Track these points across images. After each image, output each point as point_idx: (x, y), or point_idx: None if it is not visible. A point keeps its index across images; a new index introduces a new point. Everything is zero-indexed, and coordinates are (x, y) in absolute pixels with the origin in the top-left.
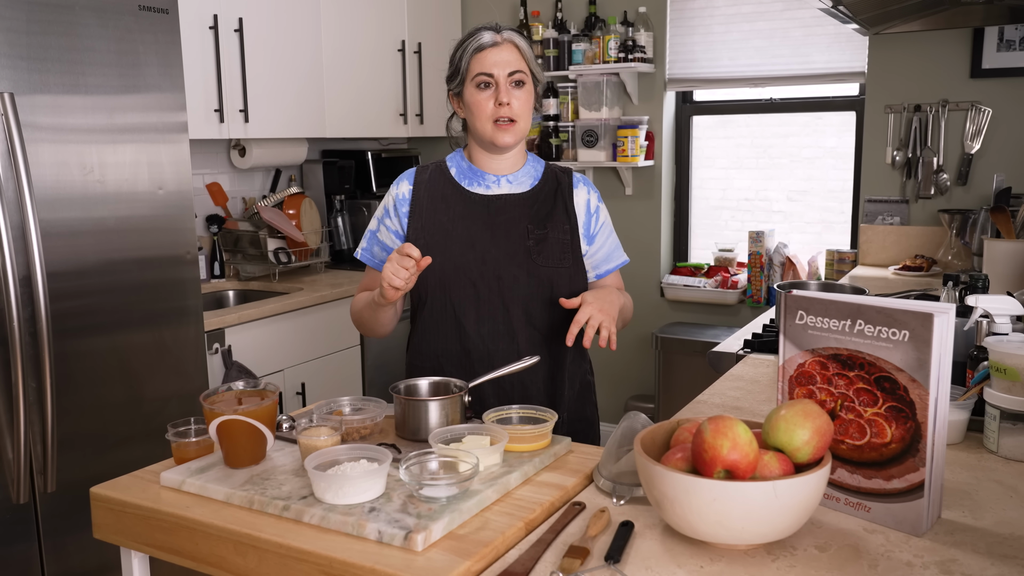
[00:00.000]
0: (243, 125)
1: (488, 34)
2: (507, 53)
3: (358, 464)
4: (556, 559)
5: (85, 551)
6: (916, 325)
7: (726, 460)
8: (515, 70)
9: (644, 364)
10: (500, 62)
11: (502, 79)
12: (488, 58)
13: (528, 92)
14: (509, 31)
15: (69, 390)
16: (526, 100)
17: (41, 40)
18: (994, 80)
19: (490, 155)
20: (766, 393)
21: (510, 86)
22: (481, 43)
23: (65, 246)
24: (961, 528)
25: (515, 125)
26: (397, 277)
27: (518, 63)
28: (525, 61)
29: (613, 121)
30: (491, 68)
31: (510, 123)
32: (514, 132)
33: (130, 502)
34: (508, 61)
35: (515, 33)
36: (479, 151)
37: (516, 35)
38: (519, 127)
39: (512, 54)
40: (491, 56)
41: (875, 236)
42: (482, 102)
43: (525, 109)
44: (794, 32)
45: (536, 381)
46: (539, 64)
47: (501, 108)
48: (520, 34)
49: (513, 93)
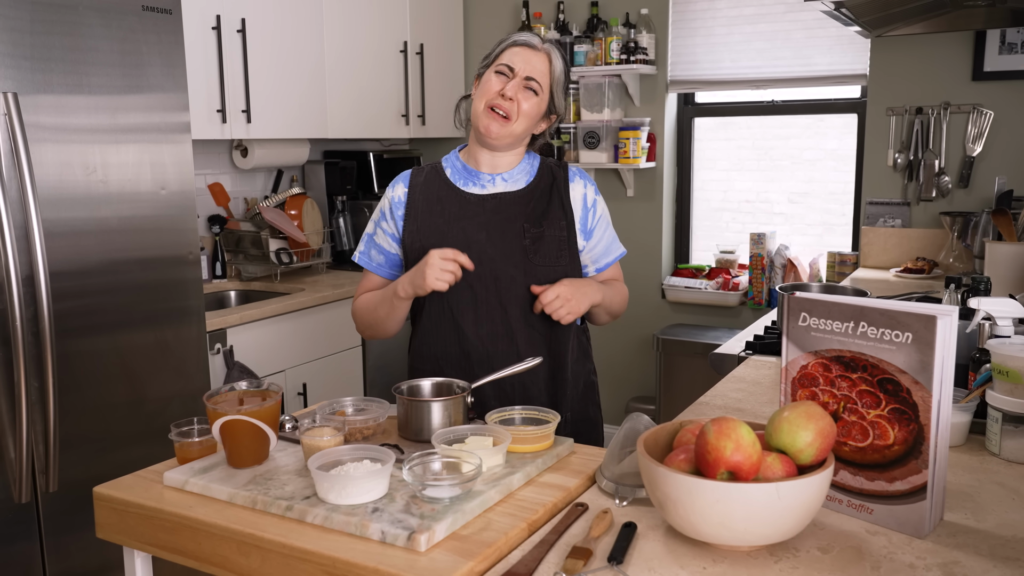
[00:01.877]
0: (245, 125)
1: (535, 39)
2: (538, 61)
3: (361, 464)
4: (559, 560)
5: (87, 551)
6: (919, 327)
7: (729, 461)
8: (534, 77)
9: (645, 366)
10: (527, 61)
11: (520, 75)
12: (520, 54)
13: (537, 103)
14: (552, 45)
15: (71, 390)
16: (531, 107)
17: (45, 40)
18: (996, 83)
19: (485, 150)
20: (768, 395)
21: (522, 85)
22: (523, 40)
23: (68, 246)
24: (963, 530)
25: (507, 123)
26: (442, 281)
27: (542, 74)
28: (550, 78)
29: (615, 123)
30: (516, 62)
31: (503, 118)
32: (502, 126)
33: (133, 502)
34: (534, 67)
35: (557, 51)
36: (476, 145)
37: (557, 54)
38: (511, 127)
39: (542, 64)
40: (523, 54)
41: (876, 238)
42: (491, 83)
43: (525, 115)
44: (796, 34)
45: (537, 382)
46: (567, 97)
47: (503, 98)
48: (560, 55)
49: (521, 93)
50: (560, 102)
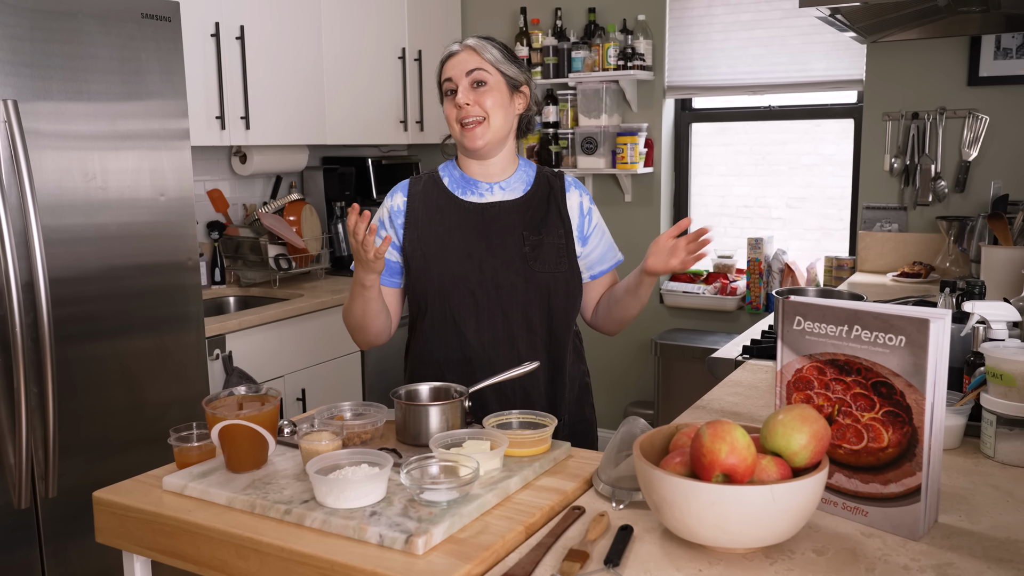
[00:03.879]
0: (244, 132)
1: (454, 45)
2: (464, 55)
3: (359, 468)
4: (556, 563)
5: (86, 556)
6: (912, 330)
7: (724, 464)
8: (472, 68)
9: (643, 370)
10: (457, 66)
11: (461, 81)
12: (450, 65)
13: (493, 90)
14: (475, 39)
15: (71, 395)
16: (492, 97)
17: (44, 48)
18: (991, 88)
19: (476, 162)
20: (765, 399)
21: (469, 87)
22: (447, 53)
23: (67, 252)
24: (958, 532)
25: (481, 125)
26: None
27: (476, 63)
28: (487, 61)
29: (612, 128)
30: (451, 73)
31: (475, 124)
32: (481, 133)
33: (132, 506)
34: (465, 63)
35: (480, 39)
36: (466, 160)
37: (480, 40)
38: (489, 127)
39: (470, 56)
40: (452, 63)
41: (873, 243)
42: (449, 108)
43: (493, 107)
44: (792, 40)
45: (537, 385)
46: (520, 65)
47: (461, 110)
48: (489, 40)
49: (472, 93)
50: (515, 72)
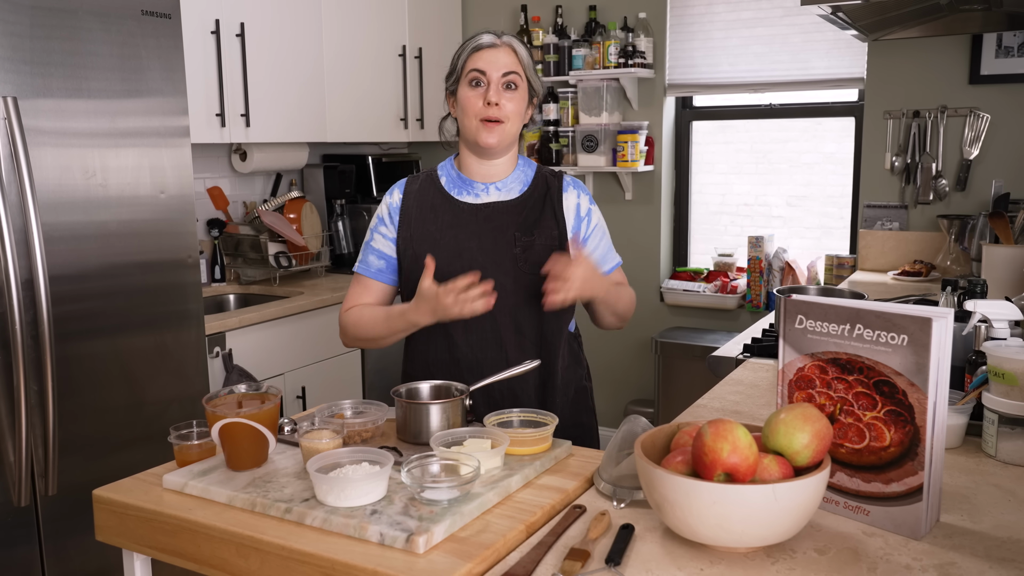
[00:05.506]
0: (244, 129)
1: (488, 36)
2: (503, 55)
3: (360, 467)
4: (557, 562)
5: (86, 554)
6: (915, 329)
7: (726, 463)
8: (509, 71)
9: (644, 368)
10: (495, 62)
11: (494, 78)
12: (484, 57)
13: (520, 96)
14: (510, 37)
15: (70, 393)
16: (516, 104)
17: (44, 44)
18: (992, 86)
19: (479, 160)
20: (766, 397)
21: (501, 87)
22: (480, 43)
23: (67, 250)
24: (960, 531)
25: (501, 126)
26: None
27: (513, 65)
28: (521, 66)
29: (613, 126)
30: (485, 66)
31: (496, 123)
32: (499, 133)
33: (132, 504)
34: (503, 62)
35: (516, 40)
36: (468, 156)
37: (516, 41)
38: (505, 129)
39: (508, 56)
40: (487, 55)
41: (874, 241)
42: (472, 99)
43: (514, 113)
44: (793, 38)
45: (527, 389)
46: (538, 75)
47: (489, 107)
48: (521, 42)
49: (504, 94)
50: (536, 83)
